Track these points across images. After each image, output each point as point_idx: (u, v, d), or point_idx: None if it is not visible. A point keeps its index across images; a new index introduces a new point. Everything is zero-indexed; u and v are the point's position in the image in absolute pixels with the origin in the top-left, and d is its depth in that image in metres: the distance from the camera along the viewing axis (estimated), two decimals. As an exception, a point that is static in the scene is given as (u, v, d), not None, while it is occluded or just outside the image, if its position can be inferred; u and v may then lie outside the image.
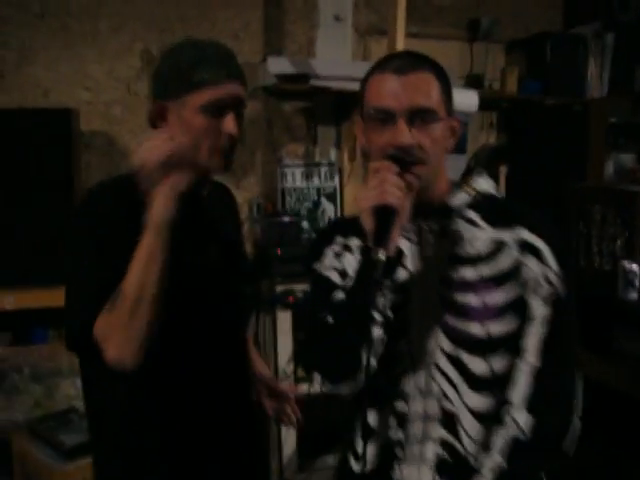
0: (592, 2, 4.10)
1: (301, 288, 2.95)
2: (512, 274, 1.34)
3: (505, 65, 4.02)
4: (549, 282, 1.34)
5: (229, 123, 1.51)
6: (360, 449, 1.39)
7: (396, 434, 1.36)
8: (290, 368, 3.06)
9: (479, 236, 1.36)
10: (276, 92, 3.50)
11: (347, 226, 1.46)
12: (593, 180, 3.51)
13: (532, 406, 1.31)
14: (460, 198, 1.41)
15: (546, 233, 1.38)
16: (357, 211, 1.28)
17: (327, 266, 1.44)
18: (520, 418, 1.31)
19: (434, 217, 1.40)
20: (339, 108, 3.70)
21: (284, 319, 3.02)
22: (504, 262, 1.35)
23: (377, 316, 1.29)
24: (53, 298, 2.79)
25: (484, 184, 1.45)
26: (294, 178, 3.59)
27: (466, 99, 3.42)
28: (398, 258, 1.37)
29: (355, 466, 1.43)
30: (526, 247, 1.35)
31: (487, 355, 1.33)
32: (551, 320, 1.33)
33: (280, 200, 3.57)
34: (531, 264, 1.34)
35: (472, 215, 1.39)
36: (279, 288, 2.97)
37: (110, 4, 3.29)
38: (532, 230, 1.36)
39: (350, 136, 3.70)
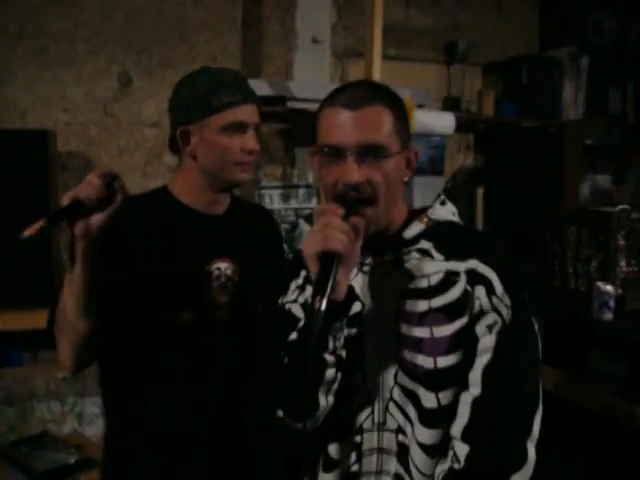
0: (567, 26, 4.16)
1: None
2: (461, 305, 1.31)
3: (482, 87, 4.07)
4: (496, 311, 1.31)
5: (250, 140, 1.69)
6: None
7: (354, 467, 1.35)
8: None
9: (431, 268, 1.34)
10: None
11: None
12: (568, 201, 3.54)
13: (469, 435, 1.27)
14: (414, 229, 1.39)
15: (498, 263, 1.34)
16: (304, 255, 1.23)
17: (290, 300, 1.43)
18: (458, 449, 1.28)
19: (388, 249, 1.38)
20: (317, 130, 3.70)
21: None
22: (454, 294, 1.32)
23: (328, 357, 1.26)
24: (28, 320, 2.80)
25: (441, 211, 1.44)
26: (272, 200, 3.59)
27: (443, 121, 3.45)
28: (352, 292, 1.34)
29: None
30: (476, 277, 1.32)
31: (435, 389, 1.30)
32: (496, 348, 1.29)
33: (258, 221, 3.56)
34: (480, 294, 1.31)
35: (426, 245, 1.36)
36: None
37: (88, 26, 3.29)
38: (484, 261, 1.33)
39: (328, 158, 3.70)
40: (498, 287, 1.31)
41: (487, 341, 1.30)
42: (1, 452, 2.63)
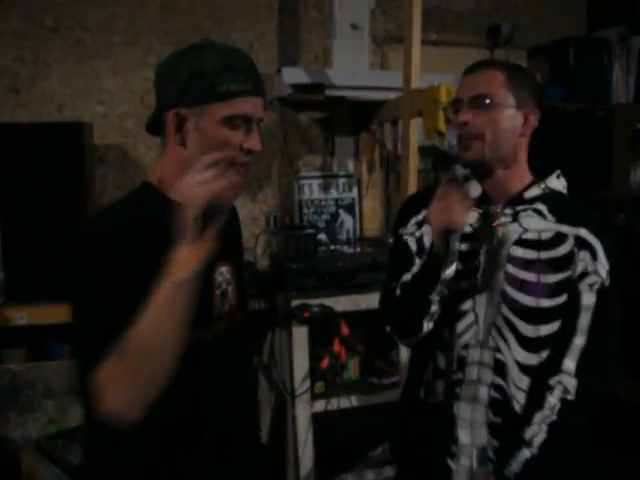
0: (616, 4, 4.00)
1: (317, 302, 2.88)
2: (567, 262, 1.65)
3: (527, 71, 3.93)
4: (598, 275, 1.64)
5: (253, 138, 1.44)
6: (430, 385, 1.75)
7: (457, 375, 1.70)
8: (306, 385, 2.99)
9: (543, 225, 1.68)
10: (292, 103, 3.46)
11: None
12: (618, 188, 3.41)
13: (579, 375, 1.62)
14: (533, 192, 1.70)
15: (602, 233, 1.67)
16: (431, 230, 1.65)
17: (409, 232, 1.81)
18: (569, 384, 1.62)
19: (510, 205, 1.70)
20: (357, 118, 3.64)
21: (300, 334, 2.94)
22: (561, 251, 1.66)
23: (434, 297, 1.65)
24: (64, 314, 2.80)
25: (556, 183, 1.75)
26: (311, 190, 3.53)
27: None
28: (474, 235, 1.72)
29: (421, 398, 1.77)
30: (583, 243, 1.65)
31: (536, 322, 1.65)
32: (597, 306, 1.63)
33: (297, 212, 3.51)
34: (585, 257, 1.64)
35: (541, 207, 1.69)
36: (294, 302, 2.90)
37: (124, 17, 3.28)
38: (591, 230, 1.66)
39: (368, 147, 3.64)
40: (601, 254, 1.65)
41: (589, 297, 1.64)
42: (37, 445, 2.65)
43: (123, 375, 1.23)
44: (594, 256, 1.64)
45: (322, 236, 3.48)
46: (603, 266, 1.64)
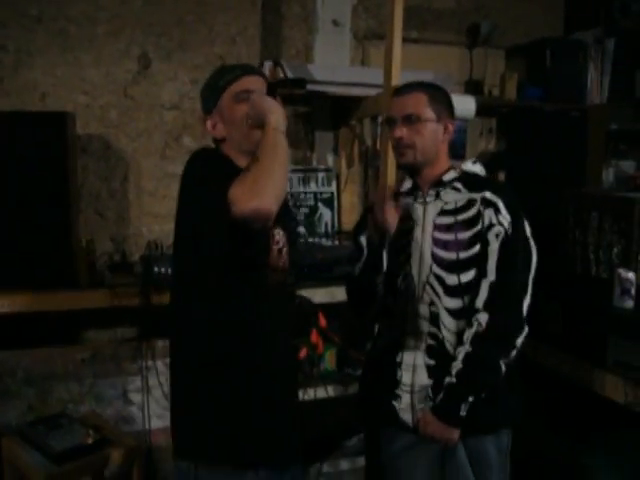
0: (593, 8, 4.08)
1: (298, 294, 2.93)
2: (476, 220, 2.04)
3: (505, 71, 4.00)
4: (501, 225, 2.01)
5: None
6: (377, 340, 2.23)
7: (400, 328, 2.11)
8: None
9: (458, 197, 2.09)
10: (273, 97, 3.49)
11: None
12: (591, 187, 3.48)
13: (489, 308, 1.99)
14: (450, 175, 2.13)
15: (503, 194, 2.06)
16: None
17: (363, 238, 2.20)
18: (481, 318, 2.00)
19: (433, 187, 2.13)
20: (337, 113, 3.69)
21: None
22: (472, 212, 2.06)
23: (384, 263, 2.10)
24: (48, 302, 2.83)
25: (471, 167, 2.16)
26: (291, 183, 3.57)
27: (464, 105, 3.39)
28: (409, 215, 2.12)
29: (372, 353, 2.26)
30: (487, 202, 2.04)
31: (457, 272, 2.05)
32: (500, 249, 2.01)
33: (277, 205, 3.54)
34: (489, 213, 2.03)
35: (457, 185, 2.11)
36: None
37: (108, 8, 3.29)
38: (493, 192, 2.06)
39: (348, 142, 3.69)
40: (502, 209, 2.03)
41: (494, 245, 2.02)
42: (19, 431, 2.67)
43: (255, 180, 1.63)
44: (497, 211, 2.02)
45: (301, 229, 3.53)
46: (505, 218, 2.02)
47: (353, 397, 3.19)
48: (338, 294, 3.08)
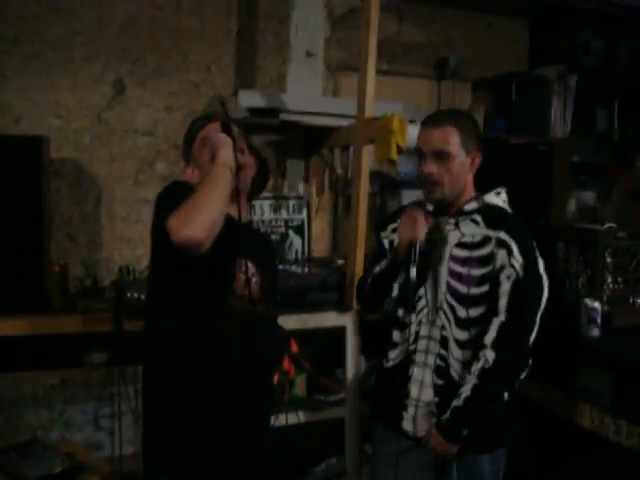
0: (556, 45, 4.22)
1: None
2: (489, 259, 2.09)
3: (471, 103, 4.11)
4: (513, 268, 2.06)
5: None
6: (390, 354, 2.29)
7: (412, 346, 2.20)
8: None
9: (476, 231, 2.13)
10: (246, 125, 3.52)
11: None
12: (556, 217, 3.58)
13: (496, 347, 2.06)
14: (471, 206, 2.17)
15: (517, 235, 2.09)
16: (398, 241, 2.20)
17: (384, 236, 2.36)
18: (489, 355, 2.06)
19: (453, 216, 2.17)
20: (308, 142, 3.74)
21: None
22: (486, 250, 2.10)
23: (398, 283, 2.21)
24: (18, 327, 2.80)
25: (493, 198, 2.21)
26: (262, 210, 3.61)
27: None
28: (438, 224, 2.17)
29: (385, 364, 2.31)
30: (501, 243, 2.08)
31: (467, 306, 2.11)
32: (511, 291, 2.06)
33: (248, 231, 3.57)
34: (502, 254, 2.07)
35: (477, 217, 2.15)
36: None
37: (84, 33, 3.31)
38: (507, 231, 2.09)
39: (318, 170, 3.75)
40: (515, 250, 2.06)
41: (506, 285, 2.07)
42: (-10, 458, 2.62)
43: (190, 211, 1.72)
44: (510, 253, 2.06)
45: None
46: (517, 261, 2.06)
47: (323, 424, 3.24)
48: (310, 321, 3.13)
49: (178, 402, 1.88)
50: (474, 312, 2.11)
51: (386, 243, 2.33)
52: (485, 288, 2.10)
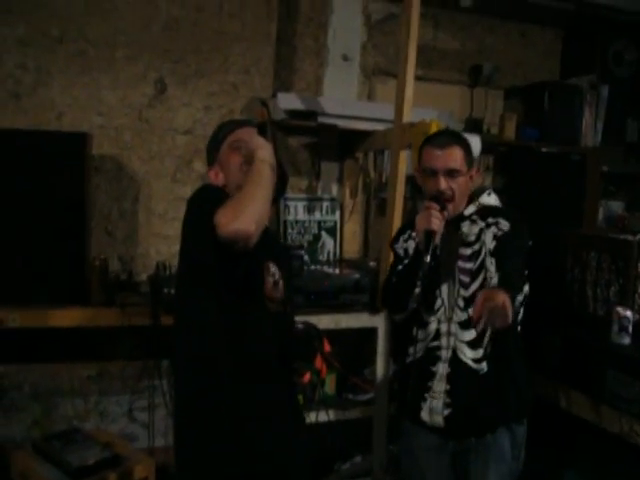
0: (589, 55, 4.25)
1: (304, 319, 2.99)
2: (479, 237, 2.25)
3: (503, 111, 4.14)
4: (498, 227, 2.21)
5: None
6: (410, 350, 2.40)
7: (434, 342, 2.31)
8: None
9: (475, 229, 2.28)
10: (283, 127, 3.58)
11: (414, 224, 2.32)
12: (587, 226, 3.62)
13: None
14: (470, 209, 2.33)
15: (502, 216, 2.25)
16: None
17: (398, 247, 2.47)
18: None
19: (455, 221, 2.31)
20: (343, 145, 3.79)
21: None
22: (478, 237, 2.26)
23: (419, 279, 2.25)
24: (58, 318, 2.86)
25: (487, 199, 2.38)
26: (296, 211, 3.66)
27: (472, 144, 3.51)
28: (435, 245, 2.24)
29: (407, 360, 2.41)
30: (490, 224, 2.24)
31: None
32: (498, 244, 2.20)
33: (282, 232, 3.63)
34: (491, 229, 2.23)
35: (475, 217, 2.30)
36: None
37: (127, 33, 3.38)
38: (502, 217, 2.25)
39: (352, 173, 3.79)
40: (502, 221, 2.22)
41: (491, 243, 2.22)
42: (33, 446, 2.67)
43: (238, 205, 1.76)
44: (496, 223, 2.23)
45: (305, 257, 3.60)
46: (504, 224, 2.22)
47: (352, 423, 3.28)
48: (342, 321, 3.18)
49: (216, 400, 1.90)
50: (474, 286, 2.24)
51: (401, 252, 2.45)
52: (479, 260, 2.24)
